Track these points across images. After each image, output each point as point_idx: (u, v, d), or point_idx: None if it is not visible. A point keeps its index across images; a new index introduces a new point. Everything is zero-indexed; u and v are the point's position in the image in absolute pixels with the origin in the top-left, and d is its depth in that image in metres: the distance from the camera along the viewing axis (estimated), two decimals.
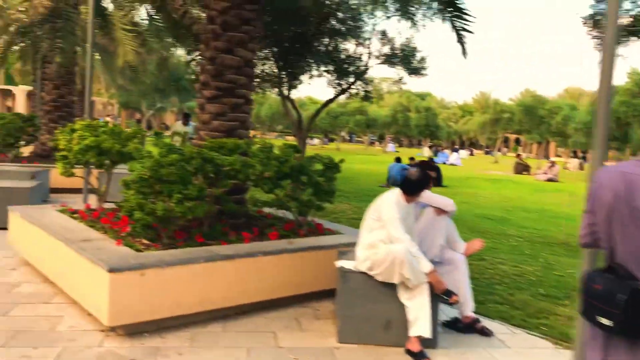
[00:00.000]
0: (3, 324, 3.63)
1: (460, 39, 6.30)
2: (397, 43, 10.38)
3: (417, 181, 3.82)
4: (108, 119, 33.25)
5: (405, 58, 10.23)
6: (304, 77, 10.88)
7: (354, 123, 51.38)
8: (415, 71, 10.27)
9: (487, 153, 62.31)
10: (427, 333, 3.64)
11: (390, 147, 53.10)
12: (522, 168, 28.45)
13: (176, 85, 21.76)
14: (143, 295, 3.54)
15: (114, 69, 18.73)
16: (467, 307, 4.24)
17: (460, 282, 4.21)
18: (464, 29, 6.26)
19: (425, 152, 44.79)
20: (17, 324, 3.62)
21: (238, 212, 4.94)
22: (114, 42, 15.33)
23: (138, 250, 3.93)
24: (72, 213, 5.09)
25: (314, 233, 5.05)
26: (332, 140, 59.42)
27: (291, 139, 47.83)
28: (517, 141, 67.58)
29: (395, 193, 3.84)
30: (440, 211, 4.23)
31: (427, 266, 3.65)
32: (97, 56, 17.66)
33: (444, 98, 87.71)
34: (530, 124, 36.05)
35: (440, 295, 3.77)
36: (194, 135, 10.17)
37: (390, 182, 16.57)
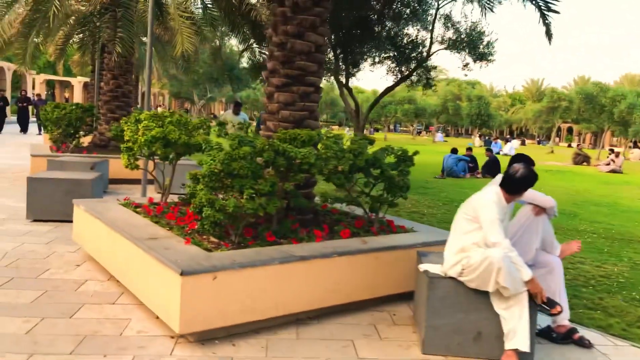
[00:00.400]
0: (70, 327, 3.47)
1: (544, 19, 5.74)
2: (462, 27, 9.78)
3: (522, 178, 3.38)
4: (160, 109, 33.81)
5: (471, 43, 9.61)
6: (363, 65, 10.46)
7: (401, 112, 50.39)
8: (481, 57, 9.65)
9: (539, 143, 59.95)
10: (525, 347, 3.23)
11: (439, 136, 51.84)
12: (582, 159, 27.01)
13: (229, 74, 21.77)
14: (215, 299, 3.29)
15: (167, 59, 18.86)
16: (563, 316, 3.79)
17: (556, 288, 3.76)
18: (549, 9, 5.69)
19: (476, 142, 43.47)
20: (84, 328, 3.45)
21: (306, 207, 4.64)
22: (169, 32, 15.38)
23: (207, 249, 3.68)
24: (136, 207, 4.92)
25: (385, 231, 4.70)
26: (377, 130, 58.53)
27: (335, 129, 47.31)
28: (570, 130, 64.70)
29: (495, 191, 3.41)
30: (539, 210, 3.77)
31: (527, 274, 3.23)
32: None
33: (493, 86, 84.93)
34: (590, 112, 34.11)
35: (542, 306, 3.34)
36: (246, 125, 9.98)
37: (446, 174, 15.98)
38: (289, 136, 4.14)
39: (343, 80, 10.75)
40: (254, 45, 13.01)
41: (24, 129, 21.90)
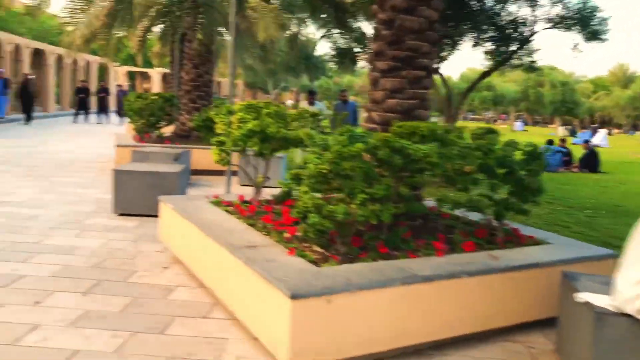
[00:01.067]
0: (162, 345, 3.05)
1: None
2: (571, 3, 8.65)
3: None
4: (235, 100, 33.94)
5: (582, 20, 8.48)
6: (459, 47, 9.59)
7: (479, 99, 48.29)
8: (594, 35, 8.50)
9: (625, 132, 55.41)
10: None
11: (519, 125, 49.20)
12: None
13: (306, 63, 21.36)
14: (328, 327, 2.75)
15: (244, 48, 18.71)
16: None
17: None
18: None
19: (559, 132, 40.76)
20: (178, 348, 3.03)
21: (419, 212, 4.01)
22: (246, 20, 15.14)
23: (313, 262, 3.15)
24: (227, 206, 4.50)
25: (513, 242, 3.97)
26: None
27: None
28: None
29: None
30: None
31: None
32: (228, 37, 17.69)
33: (573, 72, 79.36)
34: None
35: None
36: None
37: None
38: (406, 130, 3.51)
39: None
40: (335, 30, 12.45)
41: (105, 118, 22.63)
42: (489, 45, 9.27)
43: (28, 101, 19.44)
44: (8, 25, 28.33)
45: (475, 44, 9.33)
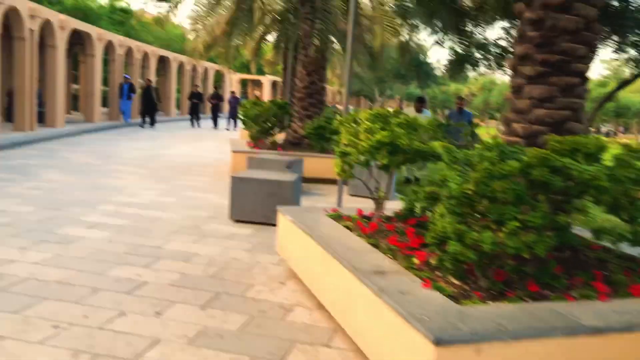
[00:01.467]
0: None
1: None
2: None
3: None
4: (339, 106, 34.21)
5: None
6: (595, 53, 8.56)
7: (600, 111, 44.21)
8: None
9: None
10: None
11: None
12: None
13: (417, 70, 20.75)
14: None
15: (353, 55, 18.60)
16: None
17: None
18: None
19: None
20: None
21: (572, 243, 3.44)
22: (358, 27, 15.00)
23: (453, 297, 2.75)
24: (346, 221, 4.22)
25: None
26: None
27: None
28: None
29: None
30: None
31: None
32: (337, 44, 17.71)
33: None
34: None
35: None
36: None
37: None
38: (566, 146, 2.99)
39: None
40: (451, 36, 11.84)
41: (216, 124, 23.49)
42: (633, 52, 8.13)
43: (149, 105, 20.75)
44: (138, 35, 30.88)
45: (617, 50, 8.22)
